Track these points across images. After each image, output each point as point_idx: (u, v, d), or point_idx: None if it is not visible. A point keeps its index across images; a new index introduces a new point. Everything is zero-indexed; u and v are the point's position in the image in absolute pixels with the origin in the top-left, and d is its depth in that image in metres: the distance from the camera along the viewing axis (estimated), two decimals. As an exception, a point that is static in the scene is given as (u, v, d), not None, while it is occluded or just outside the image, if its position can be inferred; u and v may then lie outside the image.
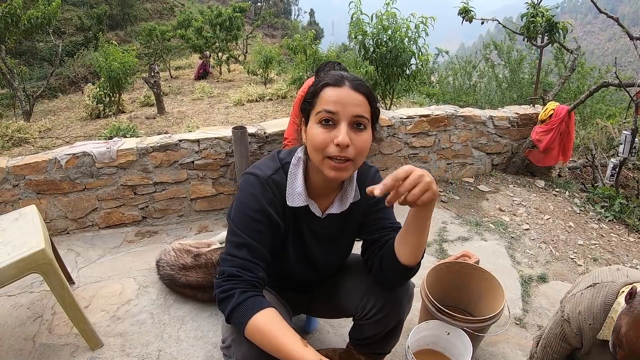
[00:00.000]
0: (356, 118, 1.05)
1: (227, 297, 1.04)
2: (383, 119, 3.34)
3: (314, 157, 1.08)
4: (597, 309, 1.22)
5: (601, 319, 1.21)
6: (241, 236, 1.09)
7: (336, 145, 1.03)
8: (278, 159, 1.19)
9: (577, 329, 1.26)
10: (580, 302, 1.26)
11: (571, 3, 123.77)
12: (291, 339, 0.99)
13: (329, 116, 1.04)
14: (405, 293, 1.33)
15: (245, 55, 15.63)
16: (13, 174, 2.61)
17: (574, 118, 3.70)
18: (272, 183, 1.14)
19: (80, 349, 1.82)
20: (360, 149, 1.06)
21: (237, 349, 1.07)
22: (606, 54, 53.44)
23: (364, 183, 1.25)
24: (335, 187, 1.23)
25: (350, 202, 1.23)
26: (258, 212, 1.11)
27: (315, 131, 1.06)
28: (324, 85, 1.08)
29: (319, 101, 1.07)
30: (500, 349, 1.91)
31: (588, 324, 1.24)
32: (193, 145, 2.87)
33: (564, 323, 1.29)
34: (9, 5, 7.06)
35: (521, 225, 3.12)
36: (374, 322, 1.34)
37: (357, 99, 1.06)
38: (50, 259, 1.64)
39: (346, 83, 1.07)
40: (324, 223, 1.24)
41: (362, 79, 1.12)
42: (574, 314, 1.26)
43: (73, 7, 18.26)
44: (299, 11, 45.81)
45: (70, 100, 11.19)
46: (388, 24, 4.21)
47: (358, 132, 1.06)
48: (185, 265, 2.09)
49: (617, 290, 1.22)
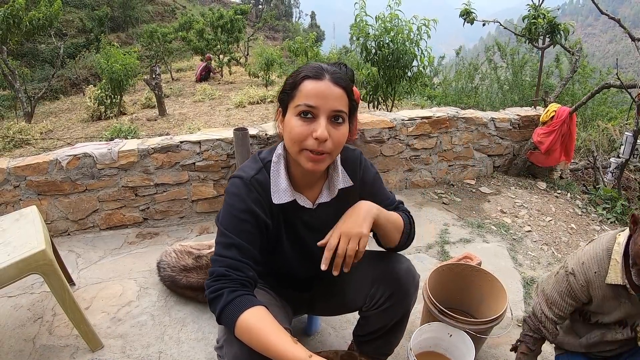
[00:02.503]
0: (335, 112, 1.07)
1: (216, 297, 1.04)
2: (385, 121, 3.34)
3: (291, 149, 1.10)
4: (600, 255, 1.26)
5: (605, 265, 1.25)
6: (229, 237, 1.10)
7: (315, 139, 1.04)
8: (259, 159, 1.20)
9: (583, 280, 1.28)
10: (582, 254, 1.30)
11: (572, 5, 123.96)
12: (280, 336, 0.98)
13: (308, 109, 1.05)
14: (412, 282, 1.35)
15: (247, 57, 15.65)
16: (14, 175, 2.60)
17: (576, 120, 3.69)
18: (256, 183, 1.15)
19: (81, 350, 1.81)
20: (337, 142, 1.08)
21: (229, 349, 1.07)
22: (607, 56, 53.43)
23: (353, 168, 1.29)
24: (320, 176, 1.24)
25: (338, 188, 1.25)
26: (245, 212, 1.12)
27: (293, 123, 1.07)
28: (304, 77, 1.08)
29: (298, 94, 1.07)
30: (503, 351, 1.90)
31: (593, 272, 1.26)
32: (194, 146, 2.87)
33: (570, 276, 1.31)
34: (10, 7, 7.07)
35: (523, 227, 3.11)
36: (382, 312, 1.35)
37: (337, 93, 1.07)
38: (51, 260, 1.63)
39: (326, 76, 1.07)
40: (316, 213, 1.25)
41: (341, 72, 1.12)
42: (578, 266, 1.29)
43: (75, 8, 18.28)
44: (300, 13, 45.85)
45: (72, 102, 11.21)
46: (391, 26, 4.21)
47: (336, 125, 1.08)
48: (186, 267, 2.08)
49: (614, 235, 1.27)
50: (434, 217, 3.16)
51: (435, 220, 3.11)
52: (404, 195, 3.51)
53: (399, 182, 3.58)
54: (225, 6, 21.79)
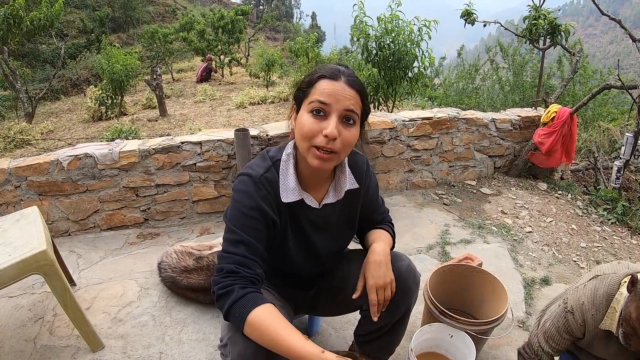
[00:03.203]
0: (347, 112, 1.08)
1: (226, 293, 1.05)
2: (385, 121, 3.34)
3: (301, 145, 1.11)
4: (599, 300, 1.24)
5: (603, 310, 1.23)
6: (238, 233, 1.11)
7: (324, 136, 1.05)
8: (268, 157, 1.22)
9: (582, 320, 1.27)
10: (583, 294, 1.28)
11: (572, 6, 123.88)
12: (292, 332, 0.99)
13: (321, 107, 1.07)
14: (412, 279, 1.36)
15: (248, 58, 15.66)
16: (15, 175, 2.61)
17: (576, 120, 3.69)
18: (265, 181, 1.16)
19: (82, 350, 1.82)
20: (346, 142, 1.09)
21: (233, 347, 1.07)
22: (607, 57, 53.40)
23: (359, 172, 1.32)
24: (327, 177, 1.26)
25: (345, 189, 1.27)
26: (253, 210, 1.13)
27: (305, 120, 1.08)
28: (320, 76, 1.10)
29: (313, 91, 1.10)
30: (504, 352, 1.90)
31: (591, 314, 1.25)
32: (195, 147, 2.87)
33: (568, 314, 1.30)
34: (11, 7, 7.07)
35: (524, 228, 3.11)
36: (384, 309, 1.35)
37: (350, 94, 1.09)
38: (52, 260, 1.63)
39: (342, 77, 1.10)
40: (321, 213, 1.27)
41: (357, 76, 1.15)
42: (578, 305, 1.28)
43: (75, 9, 18.31)
44: (301, 14, 45.86)
45: (73, 103, 11.21)
46: (392, 27, 4.20)
47: (347, 126, 1.09)
48: (187, 268, 2.08)
49: (618, 280, 1.24)
50: (435, 217, 3.16)
51: (436, 221, 3.11)
52: (405, 196, 3.51)
53: (400, 183, 3.58)
54: (226, 7, 21.82)
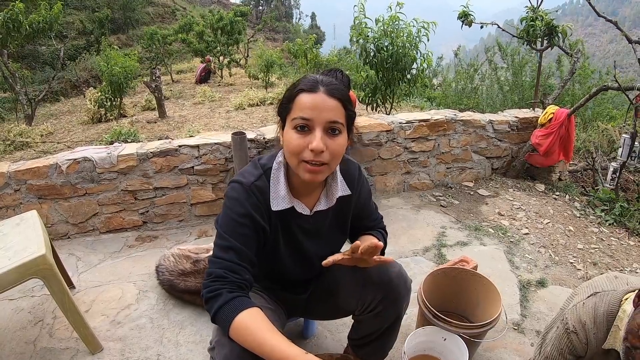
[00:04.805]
0: (330, 124, 1.09)
1: (214, 297, 1.07)
2: (382, 124, 3.36)
3: (291, 160, 1.13)
4: (600, 319, 1.21)
5: (605, 329, 1.21)
6: (228, 239, 1.13)
7: (311, 150, 1.07)
8: (260, 165, 1.23)
9: (585, 339, 1.24)
10: (584, 312, 1.25)
11: (572, 5, 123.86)
12: (275, 336, 1.00)
13: (304, 122, 1.08)
14: (403, 285, 1.38)
15: (247, 59, 15.67)
16: (15, 179, 2.63)
17: (574, 121, 3.70)
18: (256, 189, 1.18)
19: (81, 352, 1.84)
20: (334, 153, 1.11)
21: (220, 350, 1.09)
22: (607, 56, 53.33)
23: (351, 179, 1.33)
24: (318, 185, 1.27)
25: (337, 196, 1.28)
26: (243, 217, 1.15)
27: (291, 136, 1.10)
28: (299, 91, 1.11)
29: (294, 106, 1.11)
30: (498, 355, 1.92)
31: (593, 333, 1.23)
32: (193, 150, 2.89)
33: (572, 335, 1.26)
34: (10, 11, 7.08)
35: (520, 230, 3.12)
36: (375, 315, 1.39)
37: (331, 104, 1.09)
38: (51, 264, 1.65)
39: (321, 88, 1.10)
40: (312, 220, 1.29)
41: (337, 83, 1.14)
42: (580, 325, 1.25)
43: (75, 10, 18.34)
44: (301, 15, 45.85)
45: (72, 104, 11.22)
46: (390, 29, 4.22)
47: (333, 137, 1.10)
48: (184, 271, 2.10)
49: (619, 298, 1.21)
50: (432, 219, 3.17)
51: (433, 223, 3.13)
52: (402, 198, 3.53)
53: (397, 185, 3.59)
54: (225, 8, 21.83)
